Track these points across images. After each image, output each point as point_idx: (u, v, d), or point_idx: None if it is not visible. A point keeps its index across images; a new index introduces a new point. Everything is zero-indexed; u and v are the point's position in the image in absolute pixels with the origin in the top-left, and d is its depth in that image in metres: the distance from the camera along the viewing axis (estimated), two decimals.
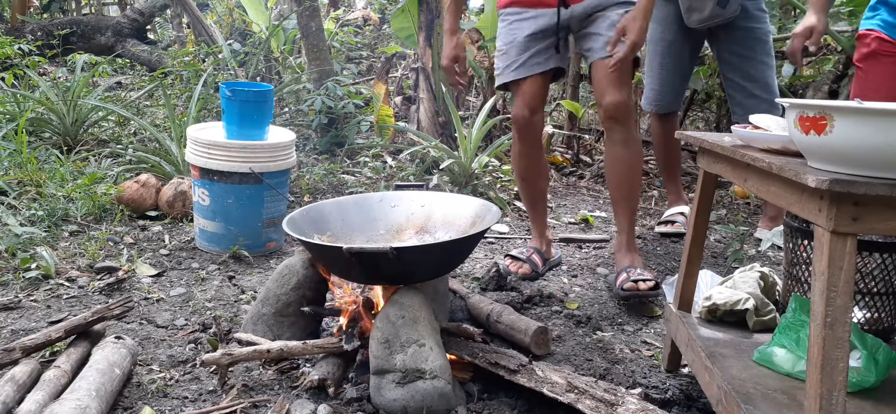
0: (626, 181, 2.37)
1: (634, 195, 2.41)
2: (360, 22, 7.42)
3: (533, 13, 2.35)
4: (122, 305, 1.84)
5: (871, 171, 1.01)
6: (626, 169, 2.35)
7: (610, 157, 2.38)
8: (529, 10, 2.35)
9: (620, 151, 2.33)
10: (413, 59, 4.77)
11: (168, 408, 1.57)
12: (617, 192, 2.40)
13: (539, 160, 2.53)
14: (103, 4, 9.75)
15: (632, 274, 2.27)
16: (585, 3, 2.30)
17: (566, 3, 2.32)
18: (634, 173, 2.38)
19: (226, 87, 2.65)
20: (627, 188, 2.37)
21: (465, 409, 1.58)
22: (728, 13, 2.79)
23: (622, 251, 2.39)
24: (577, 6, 2.31)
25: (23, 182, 3.15)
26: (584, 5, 2.31)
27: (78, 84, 4.22)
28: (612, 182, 2.41)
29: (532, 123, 2.41)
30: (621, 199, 2.39)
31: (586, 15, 2.31)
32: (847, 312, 1.03)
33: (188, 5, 6.58)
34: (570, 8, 2.32)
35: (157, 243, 2.76)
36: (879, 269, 1.50)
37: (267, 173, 2.60)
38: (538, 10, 2.34)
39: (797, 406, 1.28)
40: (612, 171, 2.39)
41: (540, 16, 2.34)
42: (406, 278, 1.72)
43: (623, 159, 2.34)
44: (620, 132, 2.31)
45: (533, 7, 2.35)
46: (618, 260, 2.41)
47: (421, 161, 3.91)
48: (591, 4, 2.30)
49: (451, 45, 2.45)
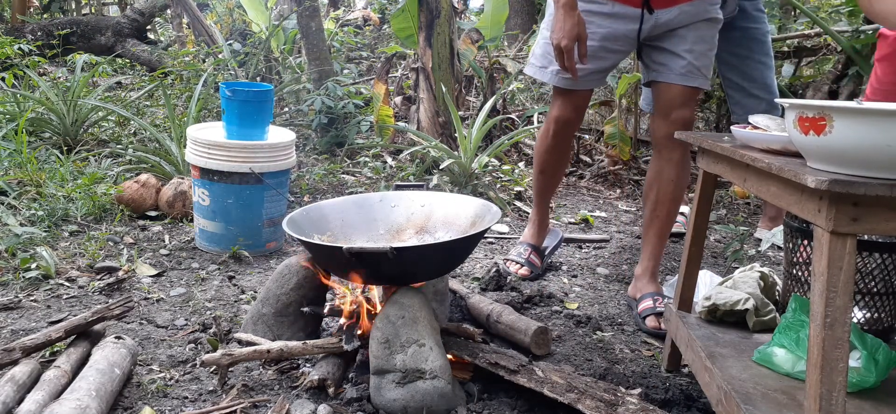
0: (669, 204, 2.19)
1: (671, 220, 2.24)
2: (360, 22, 7.42)
3: (612, 9, 2.09)
4: (122, 305, 1.84)
5: (870, 172, 1.01)
6: (672, 191, 2.18)
7: (659, 175, 2.18)
8: (610, 3, 2.09)
9: (673, 172, 2.16)
10: (413, 59, 4.77)
11: (168, 408, 1.57)
12: (654, 211, 2.22)
13: (564, 158, 2.46)
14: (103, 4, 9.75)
15: (658, 305, 2.15)
16: (675, 12, 2.06)
17: (651, 7, 2.06)
18: (677, 198, 2.21)
19: (226, 87, 2.65)
20: (669, 210, 2.21)
21: (465, 409, 1.58)
22: (726, 14, 2.80)
23: (646, 278, 2.25)
24: (663, 13, 2.06)
25: (23, 182, 3.15)
26: (673, 14, 2.06)
27: (78, 84, 4.22)
28: (652, 201, 2.21)
29: (573, 125, 2.32)
30: (657, 220, 2.22)
31: (670, 29, 2.09)
32: (847, 312, 1.03)
33: (188, 5, 6.58)
34: (656, 15, 2.07)
35: (157, 243, 2.76)
36: (879, 269, 1.50)
37: (267, 173, 2.60)
38: (619, 7, 2.09)
39: (797, 406, 1.28)
40: (658, 190, 2.19)
41: (620, 15, 2.10)
42: (406, 278, 1.72)
43: (671, 181, 2.17)
44: (679, 152, 2.14)
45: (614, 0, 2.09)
46: (640, 285, 2.25)
47: (421, 161, 3.91)
48: (682, 16, 2.07)
49: (573, 19, 1.98)
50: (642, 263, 2.28)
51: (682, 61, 2.08)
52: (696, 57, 2.07)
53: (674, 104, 2.10)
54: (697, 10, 2.07)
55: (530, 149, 4.54)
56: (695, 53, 2.07)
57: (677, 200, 2.21)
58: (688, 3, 2.06)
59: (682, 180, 2.21)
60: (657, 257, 2.26)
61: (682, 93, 2.10)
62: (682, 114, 2.11)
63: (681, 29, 2.09)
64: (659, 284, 2.27)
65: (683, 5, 2.06)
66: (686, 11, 2.07)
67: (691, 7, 2.06)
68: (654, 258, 2.25)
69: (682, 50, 2.08)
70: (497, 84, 4.77)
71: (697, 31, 2.08)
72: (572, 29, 1.99)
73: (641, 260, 2.29)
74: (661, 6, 2.06)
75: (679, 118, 2.11)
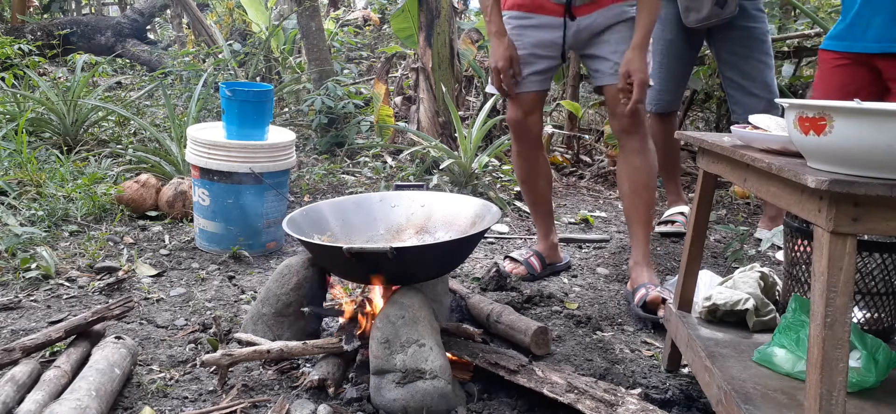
0: (642, 191, 2.30)
1: (649, 206, 2.33)
2: (360, 22, 7.42)
3: (537, 21, 2.30)
4: (122, 305, 1.84)
5: (870, 172, 1.01)
6: (642, 178, 2.30)
7: (624, 166, 2.33)
8: (534, 15, 2.30)
9: (637, 159, 2.29)
10: (413, 59, 4.77)
11: (168, 408, 1.57)
12: (631, 202, 2.33)
13: (538, 161, 2.50)
14: (103, 4, 9.75)
15: (651, 291, 2.20)
16: (593, 16, 2.24)
17: (573, 14, 2.25)
18: (650, 184, 2.31)
19: (226, 87, 2.65)
20: (643, 199, 2.31)
21: (465, 409, 1.58)
22: (726, 13, 2.80)
23: (640, 266, 2.32)
24: (583, 19, 2.25)
25: (23, 182, 3.15)
26: (592, 19, 2.25)
27: (78, 84, 4.22)
28: (626, 193, 2.34)
29: (528, 125, 2.39)
30: (636, 211, 2.33)
31: (593, 33, 2.26)
32: (847, 312, 1.03)
33: (188, 5, 6.58)
34: (577, 21, 2.26)
35: (157, 243, 2.76)
36: (879, 269, 1.49)
37: (267, 173, 2.60)
38: (543, 18, 2.29)
39: (797, 406, 1.28)
40: (627, 181, 2.33)
41: (545, 25, 2.29)
42: (406, 278, 1.71)
43: (638, 168, 2.29)
44: (636, 141, 2.28)
45: (538, 13, 2.29)
46: (635, 275, 2.33)
47: (421, 161, 3.91)
48: (600, 19, 2.24)
49: (503, 45, 2.27)
50: (633, 255, 2.38)
51: (608, 63, 2.25)
52: (620, 57, 2.20)
53: (616, 101, 2.23)
54: (614, 12, 2.24)
55: None
56: (618, 54, 2.21)
57: (649, 186, 2.32)
58: (605, 7, 2.24)
59: (648, 166, 2.31)
60: (645, 243, 2.35)
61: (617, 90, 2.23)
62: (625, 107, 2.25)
63: (603, 33, 2.26)
64: (653, 272, 2.33)
65: (601, 10, 2.24)
66: (604, 14, 2.24)
67: (607, 10, 2.24)
68: (643, 245, 2.35)
69: (607, 52, 2.26)
70: None
71: (619, 33, 2.24)
72: (504, 52, 2.27)
73: (632, 252, 2.39)
74: (582, 13, 2.26)
75: (624, 112, 2.23)
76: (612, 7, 2.23)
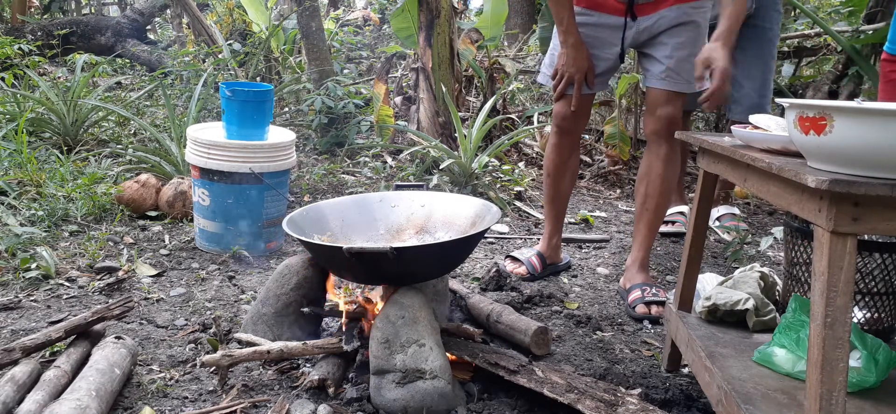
0: (660, 197, 2.30)
1: (661, 213, 2.34)
2: (360, 22, 7.43)
3: (598, 19, 2.27)
4: (122, 305, 1.84)
5: (870, 171, 1.01)
6: (662, 187, 2.29)
7: (649, 170, 2.30)
8: (595, 13, 2.27)
9: (660, 167, 2.27)
10: (413, 59, 4.77)
11: (168, 408, 1.57)
12: (646, 204, 2.32)
13: (571, 159, 2.48)
14: (103, 4, 9.76)
15: (646, 294, 2.24)
16: (655, 17, 2.21)
17: (634, 13, 2.22)
18: (667, 193, 2.32)
19: (226, 87, 2.65)
20: (658, 204, 2.30)
21: (465, 409, 1.58)
22: None
23: (635, 267, 2.34)
24: (644, 19, 2.22)
25: (23, 182, 3.15)
26: (653, 19, 2.21)
27: (78, 84, 4.22)
28: (644, 195, 2.32)
29: (575, 122, 2.38)
30: (647, 214, 2.32)
31: (652, 35, 2.24)
32: (847, 312, 1.03)
33: (188, 5, 6.58)
34: (638, 21, 2.23)
35: (157, 243, 2.76)
36: (879, 269, 1.49)
37: (267, 173, 2.60)
38: (602, 16, 2.26)
39: (797, 406, 1.28)
40: (647, 184, 2.31)
41: (604, 23, 2.26)
42: (406, 278, 1.71)
43: (660, 176, 2.28)
44: (666, 148, 2.26)
45: (599, 11, 2.26)
46: (630, 275, 2.35)
47: (421, 161, 3.91)
48: (662, 21, 2.20)
49: (583, 56, 2.25)
50: (632, 254, 2.38)
51: (660, 66, 2.23)
52: (674, 62, 2.20)
53: (657, 103, 2.25)
54: (677, 14, 2.20)
55: (530, 149, 4.54)
56: (674, 59, 2.20)
57: (665, 194, 2.32)
58: (667, 8, 2.20)
59: (670, 175, 2.30)
60: (646, 248, 2.36)
61: (661, 95, 2.24)
62: (665, 111, 2.24)
63: (662, 35, 2.23)
64: (649, 275, 2.35)
65: (663, 11, 2.21)
66: (666, 16, 2.21)
67: (670, 11, 2.20)
68: (644, 249, 2.35)
69: (661, 56, 2.23)
70: (497, 84, 4.77)
71: (678, 37, 2.21)
72: (582, 64, 2.26)
73: (632, 251, 2.40)
74: (644, 13, 2.23)
75: (663, 115, 2.24)
76: (674, 7, 2.19)
